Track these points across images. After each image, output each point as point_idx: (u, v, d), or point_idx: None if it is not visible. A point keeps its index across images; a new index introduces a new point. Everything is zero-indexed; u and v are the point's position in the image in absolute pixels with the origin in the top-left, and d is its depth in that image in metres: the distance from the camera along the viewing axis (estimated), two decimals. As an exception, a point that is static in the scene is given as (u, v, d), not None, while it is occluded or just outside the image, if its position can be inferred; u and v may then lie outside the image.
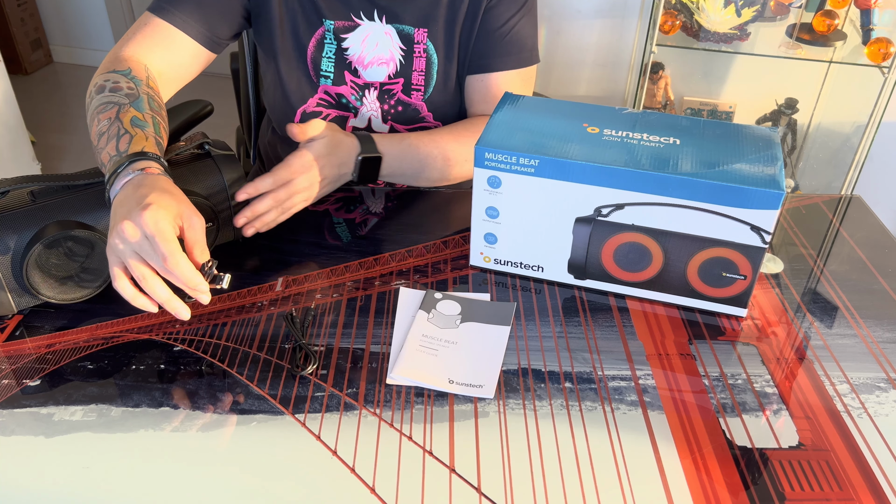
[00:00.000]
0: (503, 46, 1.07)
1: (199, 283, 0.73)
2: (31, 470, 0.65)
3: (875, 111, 1.93)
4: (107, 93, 0.88)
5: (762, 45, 2.03)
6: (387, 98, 1.08)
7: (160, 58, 0.98)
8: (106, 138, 0.82)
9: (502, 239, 0.89)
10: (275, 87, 1.09)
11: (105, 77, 0.91)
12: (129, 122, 0.83)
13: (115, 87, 0.89)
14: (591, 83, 2.45)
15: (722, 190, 0.77)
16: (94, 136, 0.84)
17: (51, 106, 3.08)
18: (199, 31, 1.00)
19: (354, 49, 1.05)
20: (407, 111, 1.09)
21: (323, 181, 0.95)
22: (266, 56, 1.08)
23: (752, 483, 0.66)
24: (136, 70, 0.93)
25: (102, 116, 0.85)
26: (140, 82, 0.91)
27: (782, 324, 0.85)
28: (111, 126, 0.83)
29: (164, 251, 0.70)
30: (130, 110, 0.85)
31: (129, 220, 0.70)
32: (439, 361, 0.77)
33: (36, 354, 0.78)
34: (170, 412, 0.71)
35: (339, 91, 1.08)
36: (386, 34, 1.05)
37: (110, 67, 0.93)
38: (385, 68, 1.06)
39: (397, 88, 1.08)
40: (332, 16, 1.04)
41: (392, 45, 1.05)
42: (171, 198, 0.73)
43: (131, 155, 0.79)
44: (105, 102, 0.87)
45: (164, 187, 0.75)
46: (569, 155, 0.81)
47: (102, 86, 0.90)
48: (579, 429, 0.71)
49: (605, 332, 0.83)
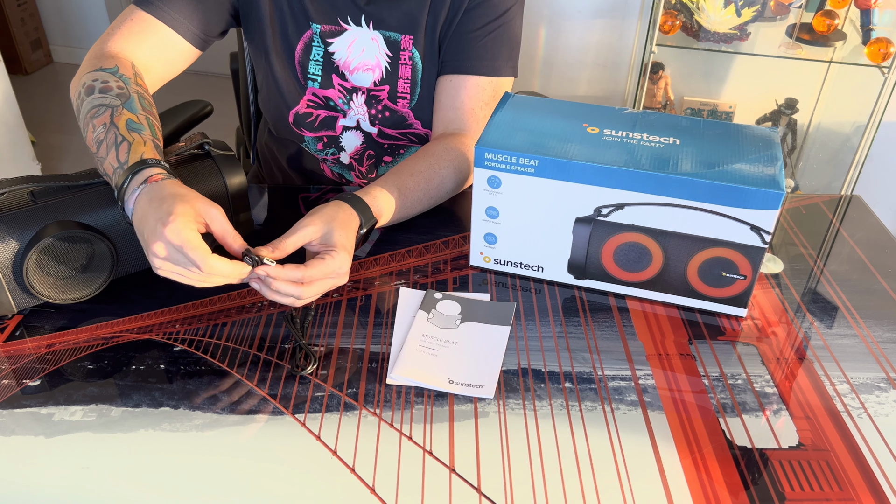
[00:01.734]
0: (475, 50, 1.02)
1: (241, 273, 0.73)
2: (31, 470, 0.65)
3: (875, 111, 1.93)
4: (97, 94, 0.87)
5: (762, 45, 2.03)
6: (374, 103, 1.08)
7: (147, 54, 0.96)
8: (105, 147, 0.81)
9: (502, 239, 0.89)
10: (268, 86, 1.08)
11: (93, 76, 0.89)
12: (125, 126, 0.82)
13: (105, 88, 0.87)
14: (591, 83, 2.45)
15: (722, 190, 0.77)
16: (90, 142, 0.84)
17: (51, 106, 3.08)
18: (188, 27, 0.99)
19: (340, 54, 1.05)
20: (394, 117, 1.09)
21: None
22: (258, 54, 1.07)
23: (752, 483, 0.66)
24: (123, 67, 0.91)
25: (97, 122, 0.84)
26: (129, 81, 0.89)
27: (782, 324, 0.85)
28: (108, 133, 0.82)
29: (194, 259, 0.70)
30: (124, 113, 0.84)
31: (154, 241, 0.71)
32: (439, 361, 0.77)
33: (36, 354, 0.78)
34: (170, 412, 0.71)
35: (326, 94, 1.07)
36: (373, 40, 1.04)
37: (96, 64, 0.91)
38: (371, 74, 1.05)
39: (383, 95, 1.07)
40: (319, 19, 1.03)
41: (378, 51, 1.04)
42: (183, 202, 0.73)
43: (132, 167, 0.78)
44: (97, 105, 0.85)
45: (173, 192, 0.74)
46: (569, 155, 0.81)
47: (91, 86, 0.88)
48: (579, 429, 0.71)
49: (605, 332, 0.83)
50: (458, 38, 1.03)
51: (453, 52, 1.03)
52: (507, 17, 1.03)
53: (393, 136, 1.11)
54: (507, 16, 1.03)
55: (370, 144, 1.12)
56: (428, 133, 1.10)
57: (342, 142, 1.12)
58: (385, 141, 1.12)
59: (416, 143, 1.12)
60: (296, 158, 1.17)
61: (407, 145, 1.13)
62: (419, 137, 1.11)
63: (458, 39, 1.03)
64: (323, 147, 1.12)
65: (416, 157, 0.99)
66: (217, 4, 1.01)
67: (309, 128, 1.10)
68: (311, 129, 1.10)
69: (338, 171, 1.16)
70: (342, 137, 1.11)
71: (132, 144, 0.80)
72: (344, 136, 1.11)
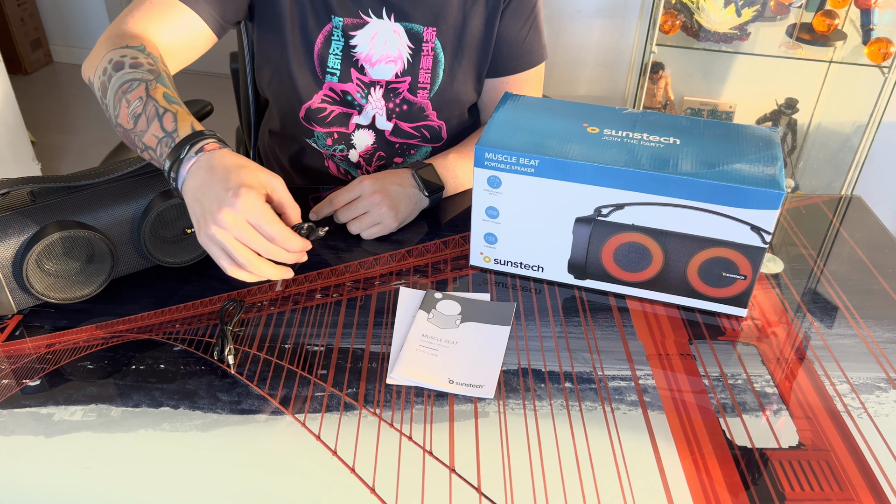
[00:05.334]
0: (524, 48, 1.11)
1: (305, 246, 0.75)
2: (31, 470, 0.65)
3: (875, 111, 1.93)
4: (127, 69, 0.82)
5: (762, 45, 2.03)
6: (392, 97, 1.08)
7: (168, 36, 0.94)
8: (145, 119, 0.78)
9: (502, 239, 0.89)
10: (280, 80, 1.08)
11: (121, 53, 0.84)
12: (164, 98, 0.79)
13: (135, 63, 0.83)
14: (591, 83, 2.45)
15: (722, 190, 0.77)
16: (124, 117, 0.80)
17: (51, 106, 3.08)
18: (209, 12, 0.97)
19: (363, 47, 1.05)
20: (412, 110, 1.10)
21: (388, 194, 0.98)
22: (271, 49, 1.06)
23: (752, 483, 0.66)
24: (149, 47, 0.87)
25: (132, 96, 0.80)
26: (157, 59, 0.86)
27: (782, 324, 0.85)
28: (146, 106, 0.78)
29: (272, 233, 0.71)
30: (159, 87, 0.81)
31: (226, 209, 0.69)
32: (439, 361, 0.77)
33: (36, 354, 0.78)
34: (170, 412, 0.71)
35: (344, 88, 1.07)
36: (395, 32, 1.05)
37: (119, 42, 0.87)
38: (393, 66, 1.07)
39: (403, 87, 1.08)
40: (341, 12, 1.04)
41: (400, 43, 1.05)
42: (248, 172, 0.72)
43: (190, 136, 0.75)
44: (129, 80, 0.81)
45: (237, 163, 0.73)
46: (569, 155, 0.81)
47: (120, 62, 0.83)
48: (579, 429, 0.71)
49: (605, 332, 0.83)
50: (507, 44, 1.11)
51: (505, 57, 1.12)
52: (537, 6, 1.12)
53: (407, 131, 1.11)
54: (537, 6, 1.11)
55: (381, 145, 1.12)
56: (442, 125, 1.12)
57: (353, 139, 1.12)
58: (397, 140, 1.12)
59: (429, 140, 1.13)
60: (298, 157, 1.17)
61: (418, 144, 1.14)
62: (432, 131, 1.12)
63: (507, 45, 1.11)
64: (332, 143, 1.12)
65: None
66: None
67: (320, 123, 1.10)
68: (322, 125, 1.10)
69: (344, 167, 1.15)
70: (354, 135, 1.12)
71: (177, 114, 0.77)
72: (356, 133, 1.11)
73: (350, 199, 0.98)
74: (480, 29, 1.08)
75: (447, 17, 1.05)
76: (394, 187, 0.98)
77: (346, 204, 0.98)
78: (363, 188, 0.97)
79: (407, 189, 0.99)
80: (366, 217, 0.97)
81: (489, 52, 1.10)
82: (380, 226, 0.97)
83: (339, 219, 0.98)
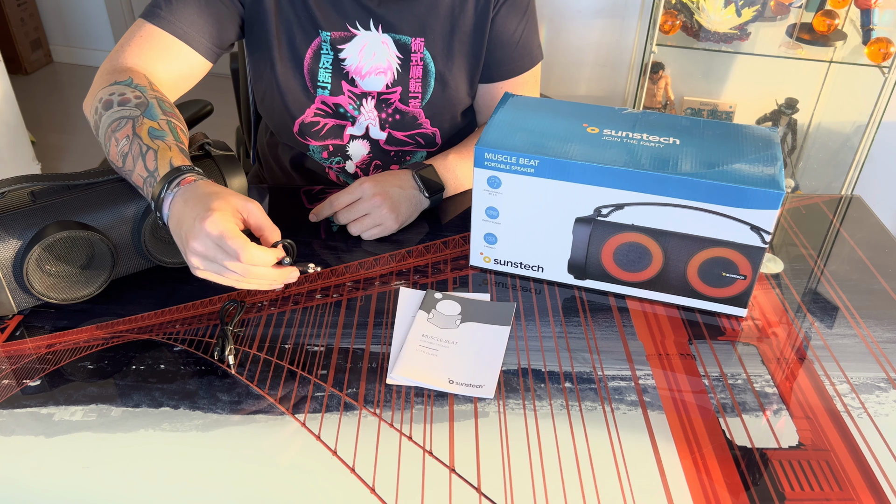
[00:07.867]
0: (517, 51, 1.10)
1: (269, 261, 0.73)
2: (31, 470, 0.65)
3: (875, 111, 1.92)
4: (116, 107, 0.85)
5: (762, 45, 2.03)
6: (384, 107, 1.08)
7: (161, 68, 0.95)
8: (131, 158, 0.80)
9: (502, 239, 0.89)
10: (271, 97, 1.08)
11: (109, 91, 0.87)
12: (147, 134, 0.81)
13: (123, 101, 0.86)
14: (591, 83, 2.45)
15: (722, 190, 0.77)
16: (115, 156, 0.82)
17: (51, 106, 3.08)
18: (200, 41, 0.98)
19: (352, 59, 1.05)
20: (405, 119, 1.09)
21: (389, 196, 0.98)
22: (262, 66, 1.06)
23: (752, 483, 0.66)
24: (137, 78, 0.90)
25: (120, 135, 0.82)
26: (144, 89, 0.88)
27: (782, 324, 0.85)
28: (132, 144, 0.81)
29: (234, 248, 0.69)
30: (145, 122, 0.83)
31: (193, 239, 0.70)
32: (439, 361, 0.77)
33: (36, 354, 0.78)
34: (170, 412, 0.71)
35: (336, 101, 1.07)
36: (383, 43, 1.04)
37: (109, 79, 0.90)
38: (383, 77, 1.06)
39: (395, 98, 1.07)
40: (328, 26, 1.03)
41: (389, 54, 1.05)
42: (220, 198, 0.73)
43: (167, 175, 0.77)
44: (118, 118, 0.83)
45: (209, 191, 0.74)
46: (569, 155, 0.81)
47: (109, 101, 0.86)
48: (579, 429, 0.71)
49: (605, 332, 0.83)
50: (499, 47, 1.09)
51: (497, 61, 1.10)
52: (530, 7, 1.10)
53: (401, 140, 1.11)
54: (530, 6, 1.10)
55: (377, 154, 1.12)
56: (435, 132, 1.11)
57: (349, 151, 1.12)
58: (392, 147, 1.12)
59: (423, 146, 1.13)
60: (298, 161, 1.17)
61: (413, 150, 1.13)
62: (426, 138, 1.12)
63: (499, 49, 1.09)
64: (328, 155, 1.12)
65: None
66: (227, 17, 1.00)
67: (315, 137, 1.10)
68: (316, 138, 1.10)
69: (343, 178, 1.16)
70: (349, 146, 1.11)
71: (158, 152, 0.79)
72: (351, 145, 1.11)
73: (350, 200, 0.98)
74: (470, 35, 1.07)
75: (434, 26, 1.04)
76: (394, 189, 0.98)
77: (346, 206, 0.98)
78: (364, 190, 0.97)
79: (407, 191, 0.99)
80: (366, 219, 0.97)
81: (481, 57, 1.09)
82: (380, 227, 0.97)
83: (340, 220, 0.99)
